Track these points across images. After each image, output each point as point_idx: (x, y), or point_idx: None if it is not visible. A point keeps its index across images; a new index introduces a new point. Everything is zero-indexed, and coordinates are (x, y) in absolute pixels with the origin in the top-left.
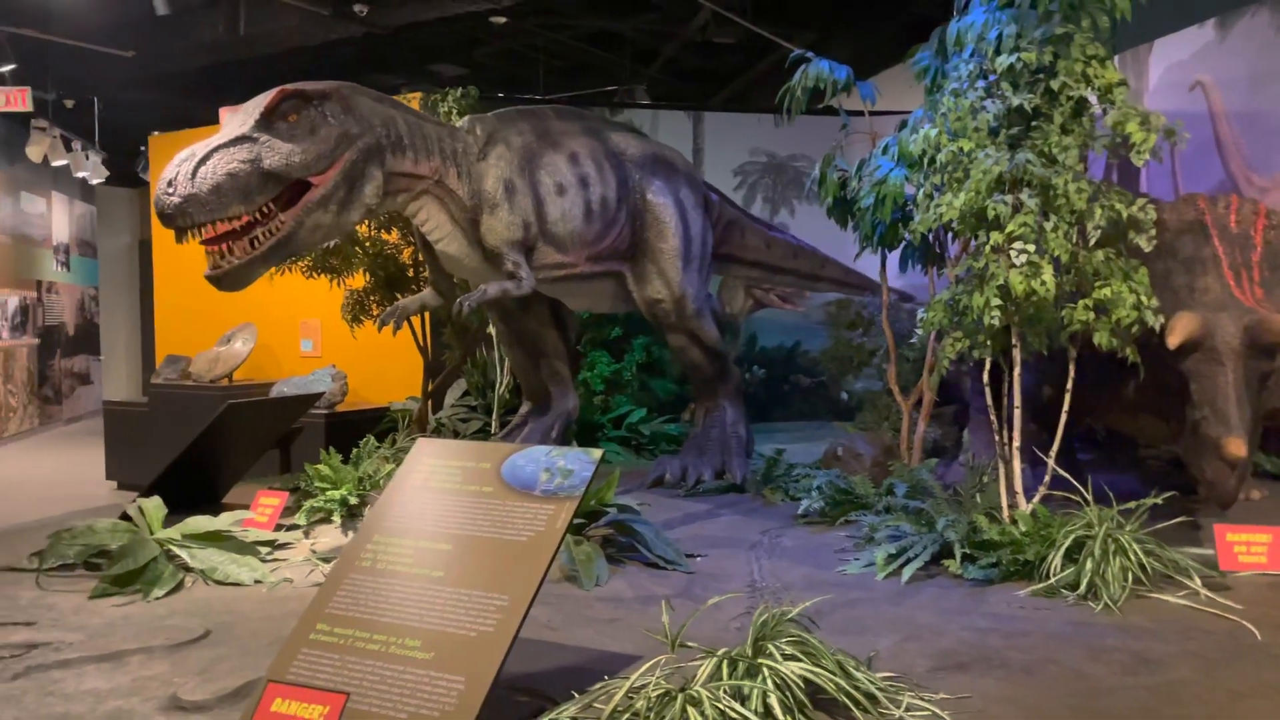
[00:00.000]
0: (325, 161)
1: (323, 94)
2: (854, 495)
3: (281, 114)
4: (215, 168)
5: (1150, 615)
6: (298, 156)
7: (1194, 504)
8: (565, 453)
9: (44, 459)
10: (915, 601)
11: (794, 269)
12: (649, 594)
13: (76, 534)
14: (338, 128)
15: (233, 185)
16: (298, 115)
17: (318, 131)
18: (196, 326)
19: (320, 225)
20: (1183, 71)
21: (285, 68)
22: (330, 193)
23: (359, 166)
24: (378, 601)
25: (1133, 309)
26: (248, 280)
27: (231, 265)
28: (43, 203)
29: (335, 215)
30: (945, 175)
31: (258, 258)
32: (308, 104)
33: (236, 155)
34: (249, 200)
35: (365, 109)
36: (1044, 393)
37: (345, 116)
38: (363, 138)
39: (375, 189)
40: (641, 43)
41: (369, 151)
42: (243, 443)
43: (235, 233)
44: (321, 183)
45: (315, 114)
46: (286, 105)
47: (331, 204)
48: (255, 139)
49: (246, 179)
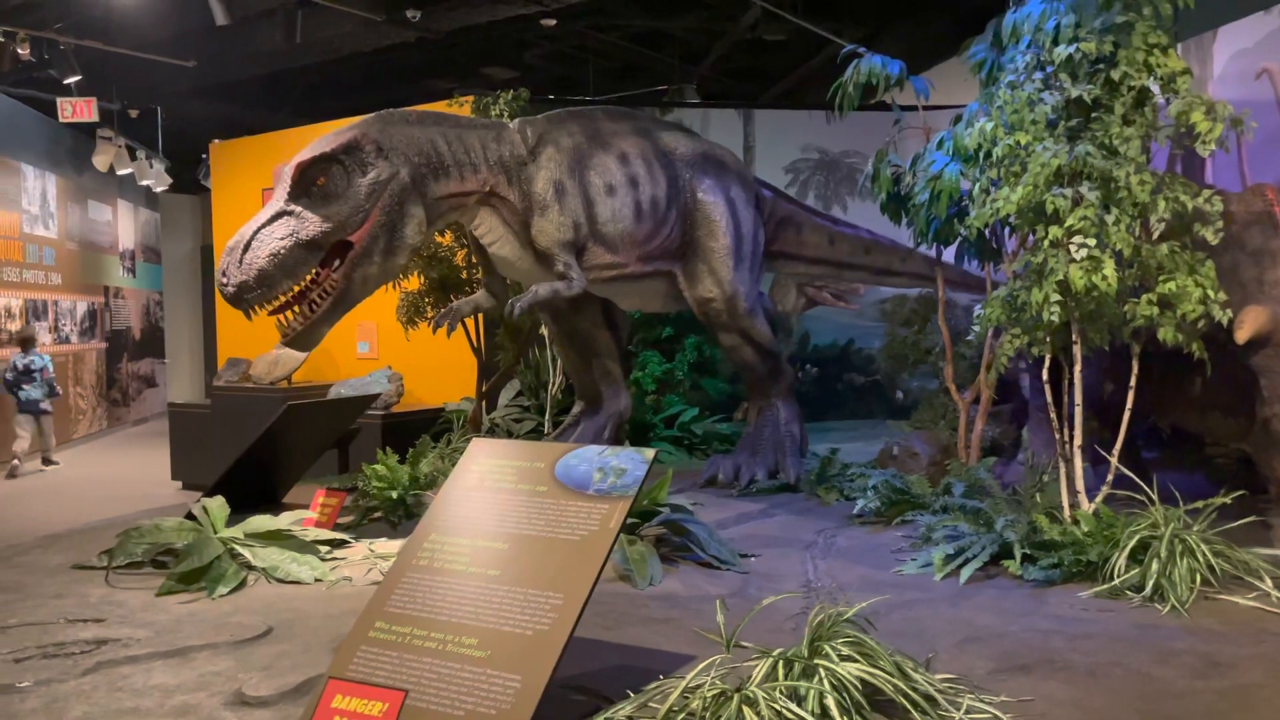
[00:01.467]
0: (359, 216)
1: (348, 146)
2: (910, 495)
3: (309, 180)
4: (258, 252)
5: (1219, 617)
6: (331, 221)
7: (1264, 503)
8: (618, 452)
9: (112, 460)
10: (974, 603)
11: (866, 265)
12: (703, 593)
13: (144, 533)
14: (368, 178)
15: (276, 265)
16: (325, 178)
17: (348, 189)
18: (256, 329)
19: (369, 277)
20: (1248, 59)
21: (341, 74)
22: (370, 245)
23: (395, 211)
24: (435, 600)
25: (1199, 303)
26: (317, 338)
27: (297, 331)
28: (109, 210)
29: (381, 264)
30: (1002, 169)
31: (319, 319)
32: (332, 163)
33: (275, 234)
34: (294, 274)
35: (399, 141)
36: (1106, 390)
37: (376, 160)
38: (395, 179)
39: (417, 227)
40: (691, 42)
41: (404, 192)
42: (302, 443)
43: (294, 299)
44: (360, 239)
45: (341, 170)
46: (312, 172)
47: (375, 255)
48: (290, 212)
49: (288, 255)
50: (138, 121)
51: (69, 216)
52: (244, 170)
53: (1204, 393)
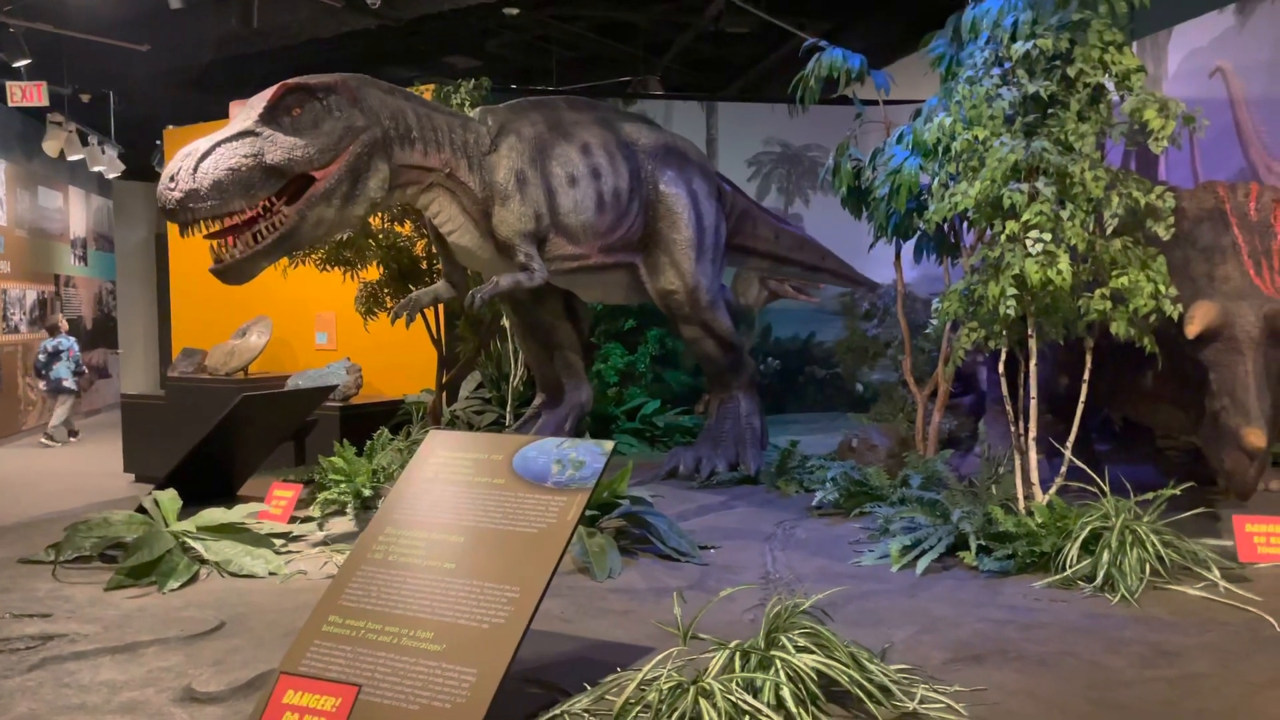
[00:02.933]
0: (329, 155)
1: (329, 87)
2: (869, 487)
3: (285, 108)
4: (217, 163)
5: (1168, 607)
6: (300, 151)
7: (1213, 495)
8: (577, 444)
9: (62, 452)
10: (930, 593)
11: (799, 260)
12: (662, 586)
13: (92, 526)
14: (343, 121)
15: (234, 180)
16: (302, 109)
17: (322, 125)
18: (212, 320)
19: (323, 219)
20: (1202, 58)
21: (299, 60)
22: (333, 186)
23: (363, 160)
24: (390, 594)
25: (1150, 298)
26: (251, 273)
27: (234, 259)
28: (60, 197)
29: (339, 209)
30: (960, 164)
31: (260, 251)
32: (312, 97)
33: (239, 150)
34: (250, 195)
35: (373, 101)
36: (1060, 383)
37: (351, 109)
38: (368, 130)
39: (380, 182)
40: (655, 33)
41: (374, 145)
42: (257, 435)
43: (239, 227)
44: (324, 177)
45: (320, 108)
46: (290, 99)
47: (335, 198)
48: (258, 134)
49: (248, 174)
50: (90, 106)
51: (18, 203)
52: None
53: (1155, 386)
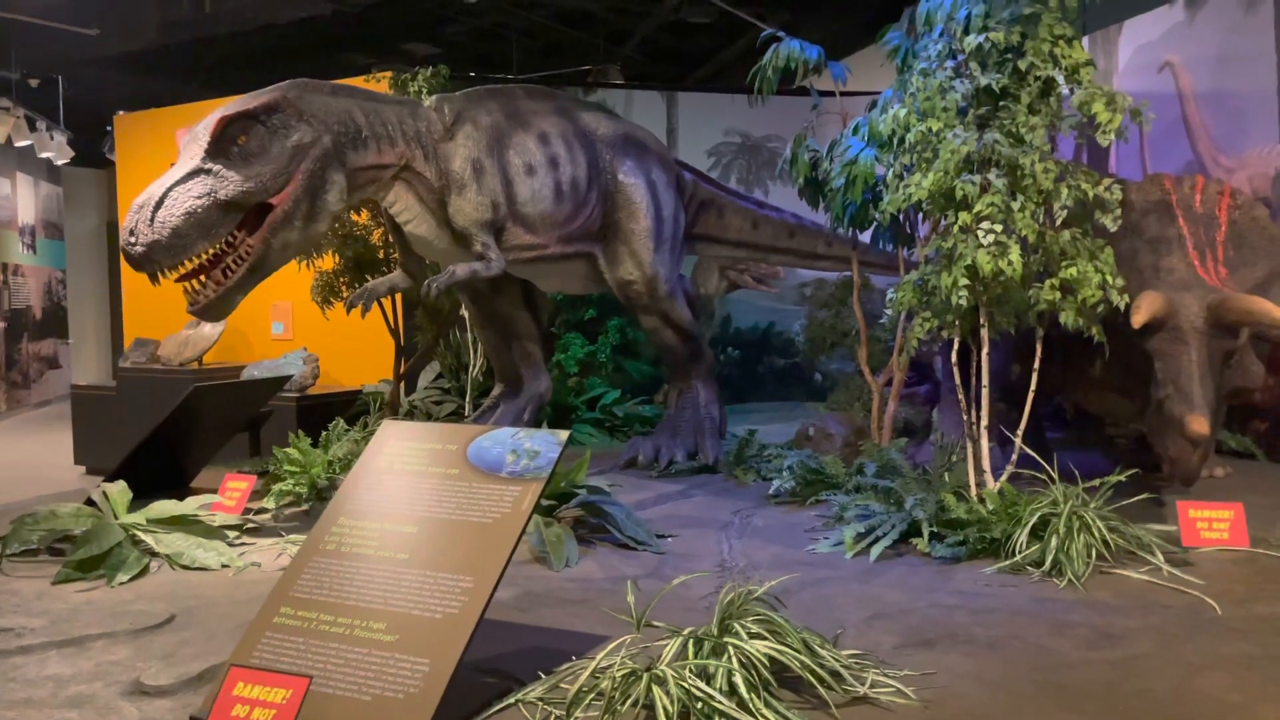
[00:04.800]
0: (282, 179)
1: (269, 106)
2: (825, 475)
3: (230, 138)
4: (173, 210)
5: (1113, 590)
6: (252, 182)
7: (1158, 481)
8: (532, 434)
9: (11, 444)
10: (883, 580)
11: (789, 248)
12: (619, 574)
13: (40, 519)
14: (290, 140)
15: (192, 224)
16: (246, 136)
17: (270, 149)
18: (166, 309)
19: (289, 243)
20: (1152, 52)
21: (253, 46)
22: (292, 209)
23: (318, 176)
24: (342, 584)
25: (1098, 288)
26: (229, 308)
27: (208, 299)
28: (7, 184)
29: (302, 229)
30: (914, 155)
31: (232, 286)
32: (255, 122)
33: (191, 192)
34: (211, 235)
35: (318, 108)
36: (1013, 372)
37: (297, 124)
38: (317, 144)
39: (338, 194)
40: (615, 22)
41: (326, 157)
42: (210, 426)
43: (207, 265)
44: (281, 201)
45: (264, 131)
46: (233, 129)
47: (296, 220)
48: (208, 170)
49: (205, 215)
50: (39, 91)
51: None
52: (150, 143)
53: (1103, 375)
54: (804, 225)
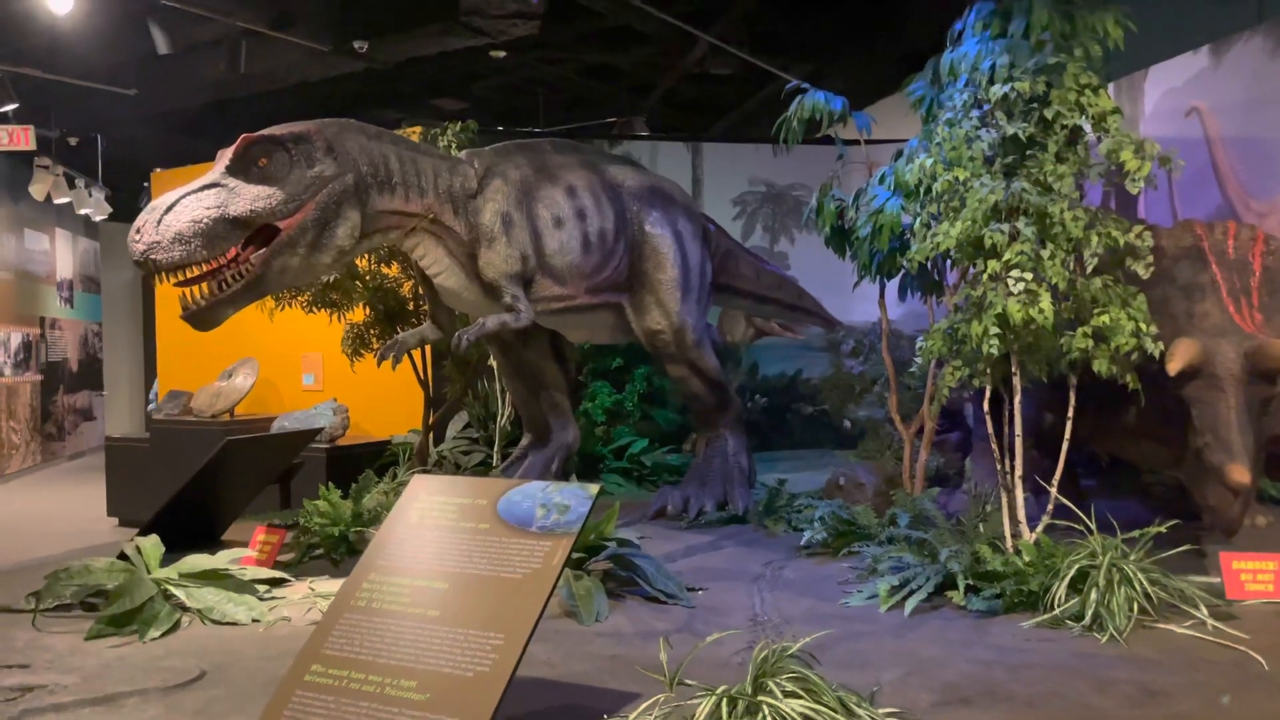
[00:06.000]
0: (293, 205)
1: (299, 136)
2: (857, 526)
3: (251, 159)
4: (180, 215)
5: (1156, 646)
6: (262, 202)
7: (1199, 531)
8: (562, 488)
9: (45, 496)
10: (919, 634)
11: (778, 299)
12: (649, 629)
13: (73, 574)
14: (311, 170)
15: (195, 232)
16: (269, 159)
17: (288, 175)
18: (198, 361)
19: (288, 268)
20: (1178, 98)
21: (287, 103)
22: (296, 236)
23: (331, 209)
24: (373, 642)
25: (1131, 336)
26: (218, 320)
27: (199, 307)
28: (46, 239)
29: (304, 258)
30: (941, 204)
31: (224, 299)
32: (279, 148)
33: (202, 202)
34: (213, 246)
35: (352, 147)
36: (1045, 420)
37: (324, 158)
38: (338, 179)
39: (349, 230)
40: (639, 75)
41: (344, 193)
42: (241, 479)
43: (206, 275)
44: (289, 226)
45: (287, 157)
46: (256, 150)
47: (300, 246)
48: (223, 185)
49: (211, 226)
50: (77, 149)
51: (4, 246)
52: None
53: (1139, 423)
54: (785, 278)
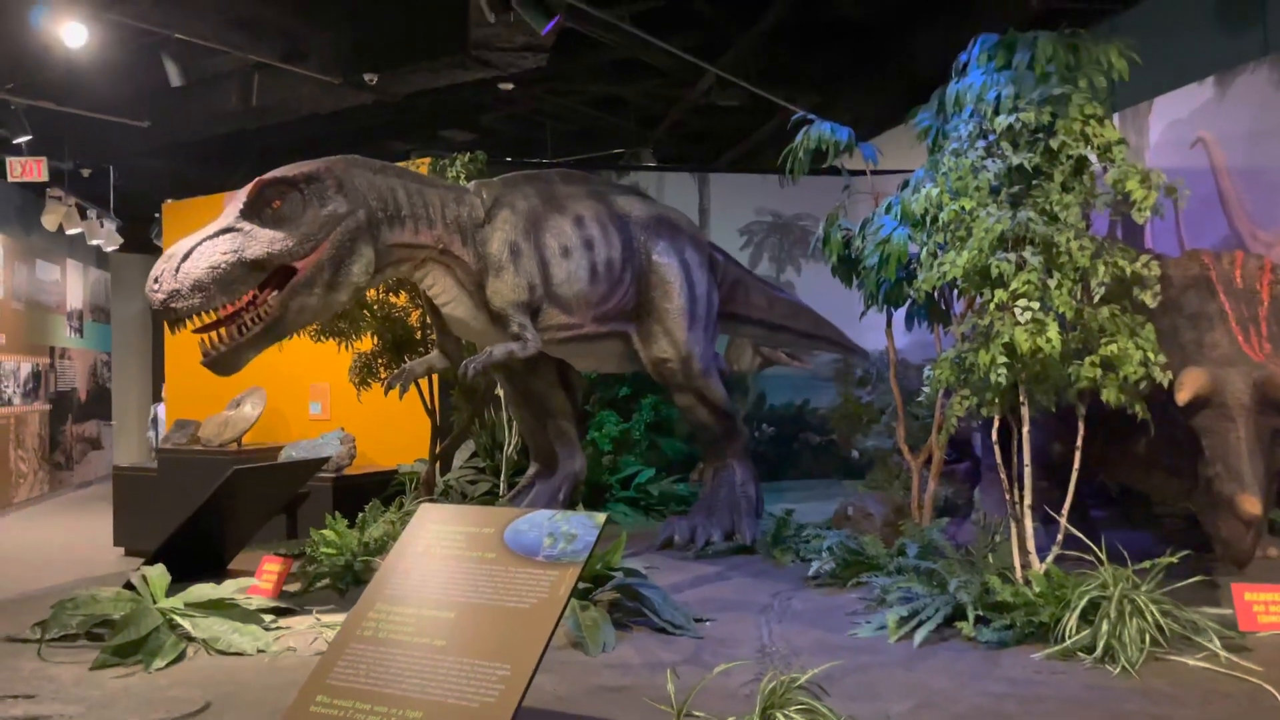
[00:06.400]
0: (309, 245)
1: (310, 175)
2: (865, 556)
3: (265, 201)
4: (197, 262)
5: (1169, 678)
6: (279, 244)
7: (1210, 562)
8: (568, 517)
9: (53, 525)
10: (929, 665)
11: (794, 327)
12: (656, 660)
13: (79, 603)
14: (324, 209)
15: (214, 278)
16: (282, 201)
17: (302, 216)
18: (206, 391)
19: (306, 307)
20: (1183, 129)
21: (297, 135)
22: (313, 276)
23: (346, 247)
24: (379, 672)
25: (1140, 365)
26: (240, 364)
27: (220, 352)
28: (57, 270)
29: (321, 296)
30: (948, 234)
31: (245, 343)
32: (292, 189)
33: (219, 248)
34: (231, 291)
35: (360, 183)
36: (1054, 449)
37: (335, 195)
38: (351, 216)
39: (364, 267)
40: (647, 107)
41: (358, 230)
42: (248, 508)
43: (225, 320)
44: (305, 266)
45: (300, 198)
46: (269, 192)
47: (317, 286)
48: (238, 229)
49: (228, 271)
50: (89, 180)
51: (15, 276)
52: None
53: (1149, 453)
54: (802, 306)
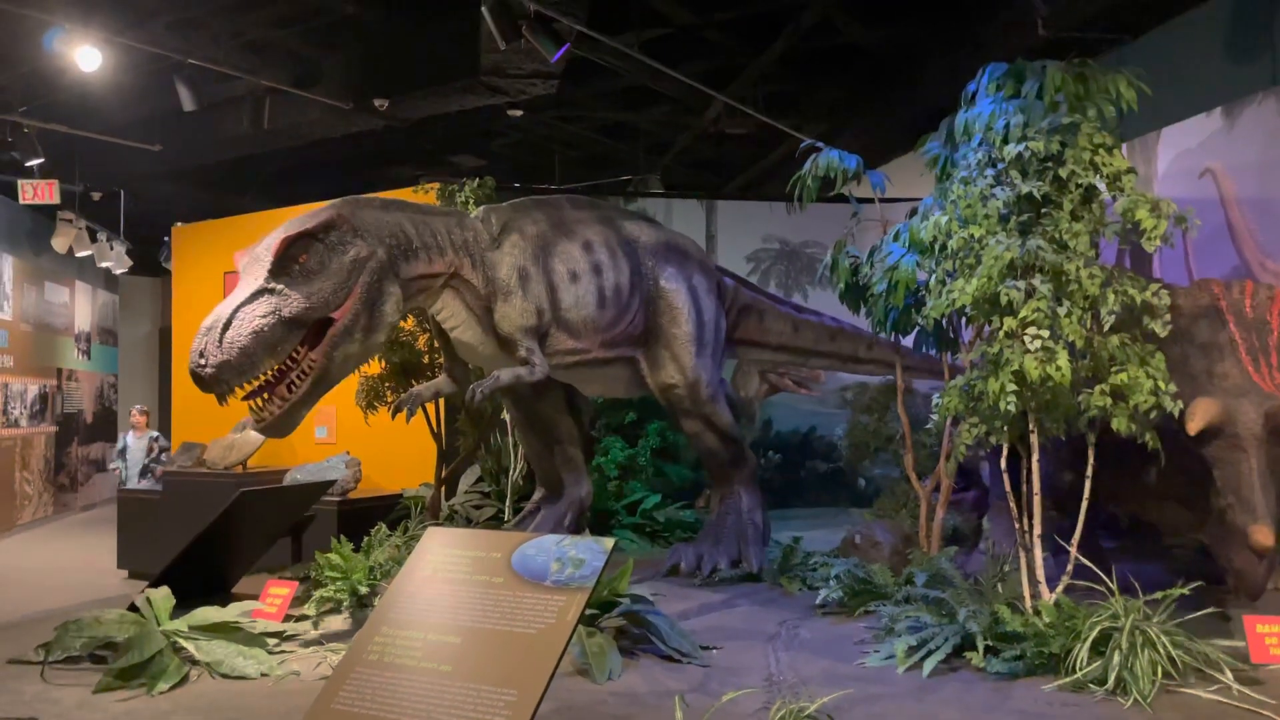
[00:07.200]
0: (342, 293)
1: (327, 225)
2: (873, 585)
3: (292, 258)
4: (240, 330)
5: (1182, 712)
6: (316, 298)
7: (1222, 594)
8: (577, 542)
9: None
10: (938, 697)
11: (831, 352)
12: (663, 688)
13: (83, 626)
14: (347, 256)
15: (258, 343)
16: (307, 255)
17: (329, 265)
18: (212, 413)
19: (350, 355)
20: (1191, 159)
21: (308, 159)
22: (352, 322)
23: (375, 288)
24: (385, 696)
25: (1150, 394)
26: (295, 423)
27: (274, 414)
28: (66, 292)
29: (362, 341)
30: (957, 261)
31: (298, 401)
32: (314, 241)
33: (257, 312)
34: (277, 353)
35: (371, 223)
36: (1064, 479)
37: (353, 239)
38: (373, 257)
39: (395, 305)
40: (655, 134)
41: (382, 269)
42: (254, 532)
43: (271, 382)
44: (342, 315)
45: (323, 248)
46: (295, 249)
47: (356, 332)
48: (272, 290)
49: (271, 333)
50: (100, 203)
51: (24, 298)
52: (206, 253)
53: (1160, 483)
54: (844, 329)
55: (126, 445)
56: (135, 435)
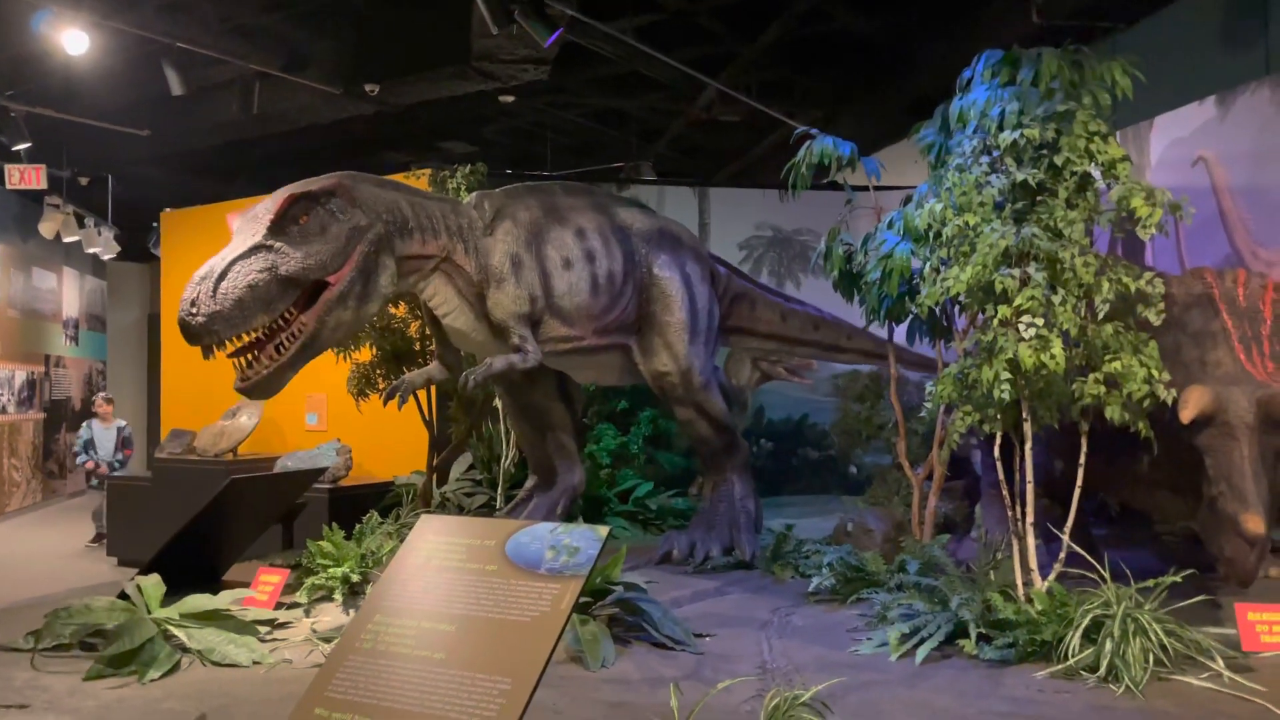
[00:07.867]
0: (340, 259)
1: (328, 191)
2: (865, 572)
3: (292, 218)
4: (235, 281)
5: (1174, 699)
6: (313, 259)
7: (1213, 582)
8: (571, 530)
9: (45, 534)
10: (931, 683)
11: (815, 341)
12: (657, 676)
13: (73, 613)
14: (347, 223)
15: (254, 296)
16: (308, 216)
17: (328, 230)
18: (202, 400)
19: (342, 322)
20: (1184, 148)
21: (297, 145)
22: (348, 288)
23: (372, 258)
24: (378, 685)
25: (1144, 383)
26: (278, 386)
27: (260, 375)
28: (54, 278)
29: (355, 310)
30: (951, 249)
31: (284, 363)
32: (316, 204)
33: (254, 266)
34: (270, 308)
35: (369, 198)
36: (1056, 467)
37: (353, 209)
38: (372, 228)
39: (390, 278)
40: (648, 120)
41: (380, 241)
42: (244, 519)
43: (259, 341)
44: (338, 280)
45: (324, 213)
46: (296, 208)
47: (350, 299)
48: (270, 246)
49: (266, 288)
50: (88, 188)
51: (11, 284)
52: (195, 239)
53: (1152, 471)
54: (825, 319)
55: (93, 436)
56: (102, 425)
